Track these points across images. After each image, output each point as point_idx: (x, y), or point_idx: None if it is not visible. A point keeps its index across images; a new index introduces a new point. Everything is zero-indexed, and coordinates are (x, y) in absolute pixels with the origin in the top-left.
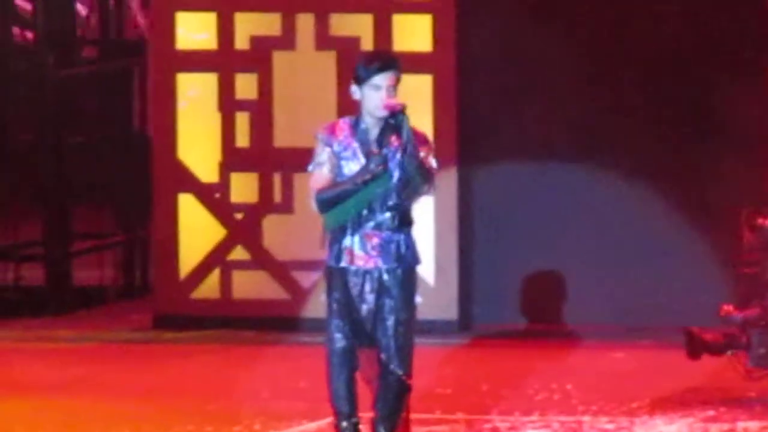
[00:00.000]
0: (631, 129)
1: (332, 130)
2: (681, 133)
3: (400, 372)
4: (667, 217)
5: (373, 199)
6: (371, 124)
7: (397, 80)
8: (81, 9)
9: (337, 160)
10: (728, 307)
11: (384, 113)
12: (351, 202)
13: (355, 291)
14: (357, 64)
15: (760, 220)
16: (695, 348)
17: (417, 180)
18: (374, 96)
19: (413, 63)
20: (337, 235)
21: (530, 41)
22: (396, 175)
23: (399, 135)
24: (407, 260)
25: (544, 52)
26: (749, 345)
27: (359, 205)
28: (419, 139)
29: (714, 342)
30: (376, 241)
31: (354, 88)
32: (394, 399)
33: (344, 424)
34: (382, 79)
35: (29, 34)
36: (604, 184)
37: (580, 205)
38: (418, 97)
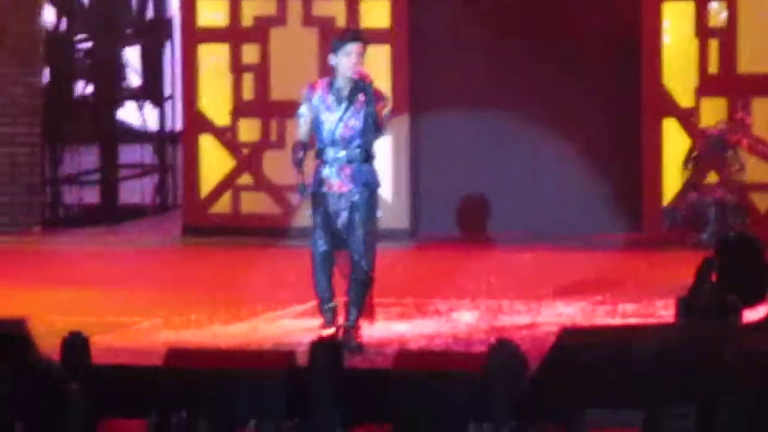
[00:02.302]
0: (542, 79)
1: (313, 87)
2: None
3: (366, 268)
4: (567, 149)
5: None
6: (343, 84)
7: (364, 49)
8: None
9: (314, 111)
10: (693, 195)
11: (354, 75)
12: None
13: (333, 209)
14: (334, 38)
15: (708, 130)
16: (670, 220)
17: (374, 127)
18: (346, 60)
19: (375, 36)
20: (318, 167)
21: (466, 22)
22: (360, 124)
23: (364, 94)
24: (371, 184)
25: (479, 27)
26: (707, 222)
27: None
28: (378, 96)
29: (685, 216)
30: (348, 171)
31: (331, 56)
32: (362, 288)
33: (325, 306)
34: (352, 47)
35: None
36: (519, 123)
37: (502, 141)
38: (379, 63)
